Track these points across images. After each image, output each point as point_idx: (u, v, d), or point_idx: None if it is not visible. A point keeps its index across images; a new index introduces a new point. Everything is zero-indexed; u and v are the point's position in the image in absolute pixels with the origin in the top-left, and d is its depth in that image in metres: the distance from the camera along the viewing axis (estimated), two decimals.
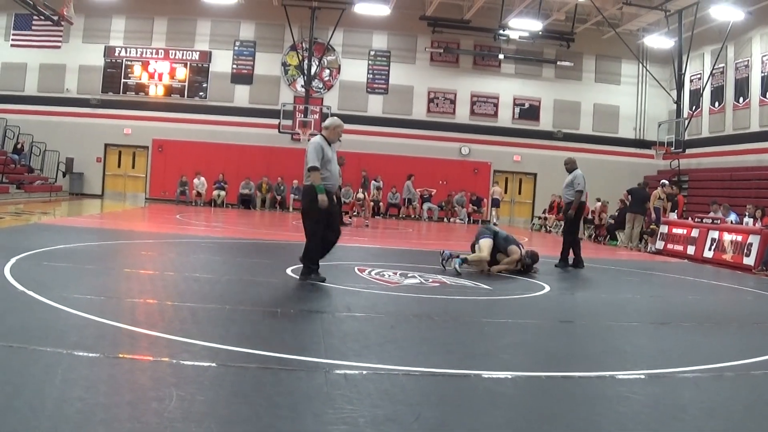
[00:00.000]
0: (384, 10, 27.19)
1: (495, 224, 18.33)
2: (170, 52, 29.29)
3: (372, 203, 26.33)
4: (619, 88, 30.92)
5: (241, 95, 29.56)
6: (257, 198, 28.27)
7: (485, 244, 10.35)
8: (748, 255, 14.43)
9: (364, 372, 4.43)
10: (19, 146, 26.85)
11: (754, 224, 16.41)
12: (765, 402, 4.52)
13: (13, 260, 7.90)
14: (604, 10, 26.11)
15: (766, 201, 19.47)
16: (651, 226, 18.71)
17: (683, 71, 26.62)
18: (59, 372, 3.91)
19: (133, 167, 29.87)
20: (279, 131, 27.82)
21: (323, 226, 8.09)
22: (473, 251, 10.57)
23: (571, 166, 12.72)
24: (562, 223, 14.05)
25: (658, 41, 27.48)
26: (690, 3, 24.20)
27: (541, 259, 10.93)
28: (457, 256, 10.19)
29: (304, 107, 27.66)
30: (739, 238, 15.00)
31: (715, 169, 26.43)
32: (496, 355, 5.36)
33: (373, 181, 28.13)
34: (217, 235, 15.48)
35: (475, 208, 28.83)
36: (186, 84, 29.39)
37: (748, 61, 25.05)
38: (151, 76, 29.22)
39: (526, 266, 10.60)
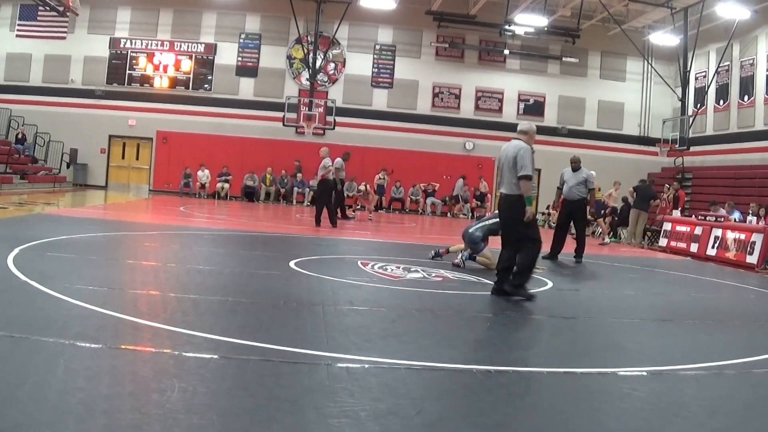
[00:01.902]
0: (390, 4, 27.10)
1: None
2: (175, 44, 29.25)
3: (376, 197, 26.41)
4: (624, 85, 30.82)
5: (246, 88, 29.53)
6: (261, 191, 28.29)
7: (489, 255, 10.38)
8: (751, 253, 14.41)
9: (366, 365, 4.44)
10: (20, 136, 26.83)
11: (757, 222, 16.39)
12: (766, 400, 4.52)
13: (16, 250, 7.91)
14: (609, 6, 26.02)
15: None
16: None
17: (688, 69, 26.56)
18: (61, 363, 3.92)
19: (137, 159, 29.86)
20: (283, 124, 27.75)
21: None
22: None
23: (577, 165, 12.90)
24: (556, 215, 14.25)
25: (664, 38, 27.40)
26: (696, 0, 24.12)
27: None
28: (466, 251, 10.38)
29: (308, 100, 27.58)
30: (743, 236, 14.97)
31: (719, 167, 26.38)
32: (498, 350, 5.36)
33: (377, 175, 28.21)
34: (221, 228, 15.48)
35: (479, 203, 28.82)
36: (191, 76, 29.36)
37: (754, 59, 24.97)
38: (156, 68, 29.17)
39: None
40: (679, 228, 17.73)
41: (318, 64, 28.57)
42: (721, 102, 26.93)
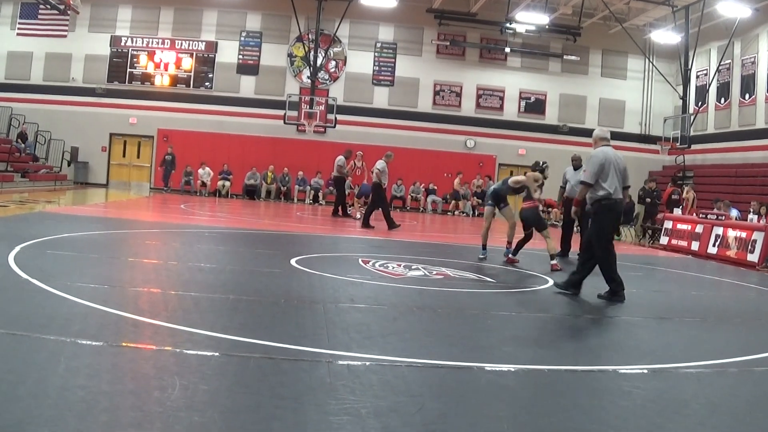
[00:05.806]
0: (391, 2, 27.11)
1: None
2: (176, 42, 29.24)
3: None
4: (625, 83, 30.80)
5: (247, 86, 29.52)
6: (262, 188, 28.29)
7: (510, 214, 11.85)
8: (752, 251, 14.40)
9: (367, 363, 4.44)
10: (24, 139, 26.74)
11: (758, 221, 16.37)
12: (767, 398, 4.52)
13: (17, 248, 7.92)
14: (611, 4, 26.00)
15: None
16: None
17: (689, 67, 26.53)
18: (62, 360, 3.92)
19: (138, 157, 29.85)
20: (284, 122, 27.74)
21: None
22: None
23: (578, 163, 12.92)
24: (557, 213, 14.48)
25: (665, 36, 27.39)
26: None
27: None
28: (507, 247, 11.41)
29: (309, 98, 27.57)
30: (744, 234, 14.95)
31: (720, 165, 26.35)
32: (499, 348, 5.36)
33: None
34: (222, 225, 15.48)
35: (480, 201, 28.78)
36: (192, 74, 29.34)
37: (755, 57, 24.94)
38: (157, 66, 29.17)
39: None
40: (680, 226, 17.72)
41: (319, 62, 28.54)
42: (722, 100, 26.91)
